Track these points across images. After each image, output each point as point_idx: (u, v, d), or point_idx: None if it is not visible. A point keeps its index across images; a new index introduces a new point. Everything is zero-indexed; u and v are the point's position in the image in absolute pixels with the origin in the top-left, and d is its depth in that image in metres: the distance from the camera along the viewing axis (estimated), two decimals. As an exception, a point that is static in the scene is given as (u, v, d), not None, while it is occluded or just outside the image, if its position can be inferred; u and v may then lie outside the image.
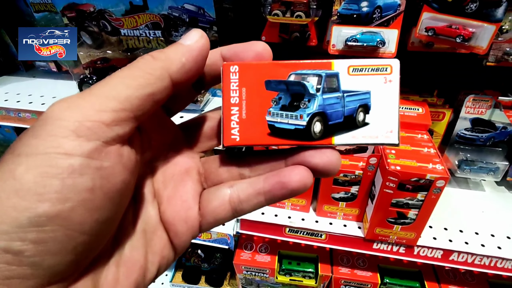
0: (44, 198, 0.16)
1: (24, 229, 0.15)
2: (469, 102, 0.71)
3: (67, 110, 0.17)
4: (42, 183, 0.16)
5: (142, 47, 0.63)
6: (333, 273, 0.81)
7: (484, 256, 0.65)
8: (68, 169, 0.16)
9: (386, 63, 0.23)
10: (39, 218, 0.16)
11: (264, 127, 0.24)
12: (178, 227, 0.24)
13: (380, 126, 0.23)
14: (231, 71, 0.24)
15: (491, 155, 0.76)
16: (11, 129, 0.89)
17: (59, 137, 0.17)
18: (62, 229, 0.16)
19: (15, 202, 0.15)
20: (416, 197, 0.59)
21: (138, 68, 0.20)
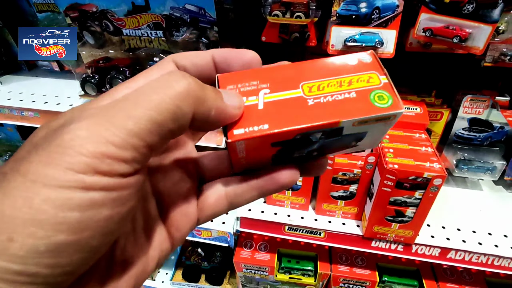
0: (63, 228, 0.16)
1: (40, 255, 0.15)
2: (466, 102, 0.72)
3: (87, 142, 0.16)
4: (61, 215, 0.16)
5: (143, 47, 0.64)
6: (332, 271, 0.82)
7: (482, 254, 0.66)
8: (88, 202, 0.16)
9: (391, 113, 0.22)
10: (57, 246, 0.16)
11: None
12: (178, 222, 0.24)
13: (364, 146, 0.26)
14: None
15: (489, 154, 0.77)
16: (14, 128, 0.90)
17: (79, 172, 0.16)
18: (77, 253, 0.17)
19: (32, 230, 0.15)
20: (414, 196, 0.59)
21: (167, 97, 0.18)
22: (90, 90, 0.65)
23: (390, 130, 0.67)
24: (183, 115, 0.18)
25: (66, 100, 0.69)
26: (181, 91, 0.18)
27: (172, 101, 0.18)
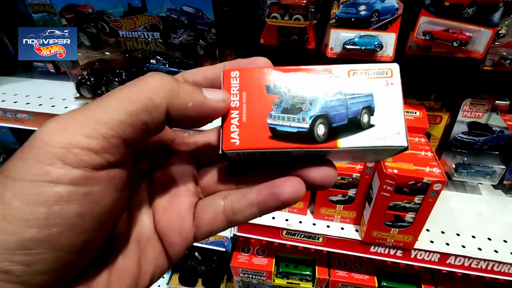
0: (31, 224, 0.16)
1: (12, 252, 0.15)
2: (466, 106, 0.72)
3: (56, 133, 0.17)
4: (29, 210, 0.16)
5: (140, 49, 0.63)
6: (330, 276, 0.81)
7: (481, 260, 0.65)
8: (55, 196, 0.16)
9: (386, 67, 0.23)
10: (27, 242, 0.16)
11: (265, 130, 0.23)
12: (172, 237, 0.23)
13: (387, 128, 0.22)
14: (231, 76, 0.23)
15: (488, 158, 0.77)
16: (8, 130, 0.89)
17: (46, 164, 0.16)
18: (50, 252, 0.16)
19: (3, 225, 0.15)
20: (413, 201, 0.59)
21: (141, 90, 0.18)
22: (85, 92, 0.64)
23: (389, 134, 0.67)
24: (156, 107, 0.18)
25: (61, 102, 0.68)
26: (152, 84, 0.18)
27: (143, 93, 0.18)
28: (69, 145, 0.16)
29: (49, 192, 0.16)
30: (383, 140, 0.22)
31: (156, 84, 0.19)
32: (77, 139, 0.17)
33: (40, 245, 0.16)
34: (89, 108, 0.18)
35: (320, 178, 0.22)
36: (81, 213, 0.17)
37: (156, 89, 0.18)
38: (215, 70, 0.24)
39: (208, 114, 0.21)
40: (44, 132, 0.17)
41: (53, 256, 0.16)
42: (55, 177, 0.16)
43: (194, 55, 0.60)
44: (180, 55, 0.60)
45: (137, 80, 0.19)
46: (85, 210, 0.17)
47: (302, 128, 0.22)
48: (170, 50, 0.62)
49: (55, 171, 0.16)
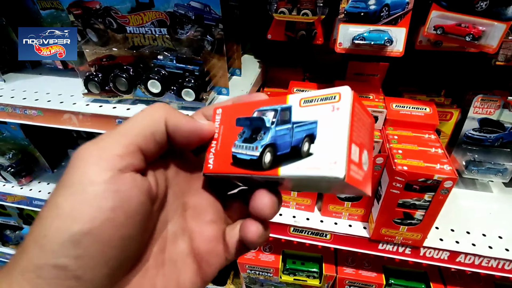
0: (78, 219, 0.20)
1: (66, 247, 0.19)
2: (477, 102, 0.70)
3: (90, 149, 0.22)
4: (75, 208, 0.20)
5: (147, 45, 0.63)
6: (338, 273, 0.81)
7: (492, 258, 0.64)
8: (93, 193, 0.20)
9: (335, 91, 0.22)
10: (76, 236, 0.19)
11: (229, 157, 0.26)
12: (209, 260, 0.27)
13: (324, 157, 0.21)
14: (217, 113, 0.28)
15: (499, 156, 0.75)
16: (17, 127, 0.90)
17: (86, 170, 0.21)
18: (94, 244, 0.20)
19: (57, 224, 0.20)
20: (423, 198, 0.58)
21: (145, 112, 0.25)
22: (93, 88, 0.64)
23: (399, 131, 0.66)
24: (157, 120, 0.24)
25: (70, 98, 0.68)
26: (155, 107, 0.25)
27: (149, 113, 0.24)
28: (101, 154, 0.22)
29: (89, 190, 0.20)
30: (318, 169, 0.21)
31: (158, 107, 0.25)
32: (105, 149, 0.22)
33: (86, 238, 0.20)
34: (113, 130, 0.23)
35: (255, 205, 0.25)
36: (113, 207, 0.21)
37: (157, 109, 0.24)
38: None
39: (197, 136, 0.26)
40: (82, 149, 0.22)
41: (97, 250, 0.20)
42: (92, 178, 0.21)
43: (201, 51, 0.60)
44: (188, 51, 0.60)
45: (144, 108, 0.25)
46: (116, 205, 0.21)
47: (253, 156, 0.25)
48: (177, 46, 0.61)
49: (92, 174, 0.21)
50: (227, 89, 0.67)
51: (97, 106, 0.65)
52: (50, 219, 0.20)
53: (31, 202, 0.92)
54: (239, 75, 0.77)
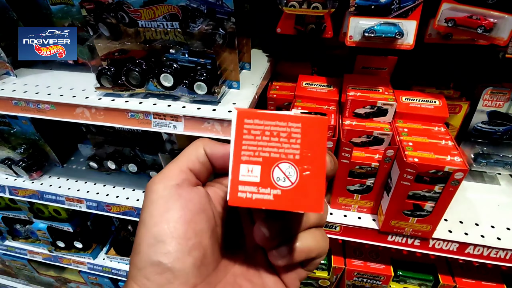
0: (158, 225, 0.26)
1: (156, 248, 0.25)
2: (487, 94, 0.71)
3: (156, 176, 0.28)
4: (156, 214, 0.26)
5: (159, 39, 0.63)
6: (346, 265, 0.82)
7: (500, 249, 0.65)
8: (167, 196, 0.26)
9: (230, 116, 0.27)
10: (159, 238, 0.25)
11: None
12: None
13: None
14: None
15: (508, 148, 0.76)
16: (28, 121, 0.91)
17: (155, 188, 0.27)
18: (175, 239, 0.25)
19: (147, 238, 0.25)
20: (434, 190, 0.58)
21: (191, 146, 0.30)
22: (105, 82, 0.65)
23: (409, 123, 0.66)
24: (198, 148, 0.29)
25: (82, 93, 0.69)
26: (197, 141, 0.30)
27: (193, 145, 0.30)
28: (163, 176, 0.28)
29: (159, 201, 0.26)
30: None
31: (198, 140, 0.30)
32: (165, 173, 0.28)
33: (167, 236, 0.25)
34: (173, 161, 0.29)
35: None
36: (181, 206, 0.26)
37: (198, 141, 0.30)
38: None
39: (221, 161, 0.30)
40: (151, 182, 0.28)
41: (178, 243, 0.25)
42: (160, 192, 0.27)
43: (213, 44, 0.60)
44: (199, 44, 0.60)
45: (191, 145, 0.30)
46: (182, 205, 0.26)
47: None
48: (189, 40, 0.62)
49: (160, 189, 0.27)
50: (238, 82, 0.67)
51: (110, 100, 0.66)
52: (140, 235, 0.26)
53: (42, 196, 0.94)
54: (248, 69, 0.78)
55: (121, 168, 0.93)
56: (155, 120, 0.63)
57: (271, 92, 0.81)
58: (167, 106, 0.63)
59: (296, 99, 0.74)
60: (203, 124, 0.61)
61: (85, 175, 0.98)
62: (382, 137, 0.65)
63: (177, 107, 0.63)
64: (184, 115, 0.61)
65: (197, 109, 0.61)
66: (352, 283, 0.85)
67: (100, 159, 0.94)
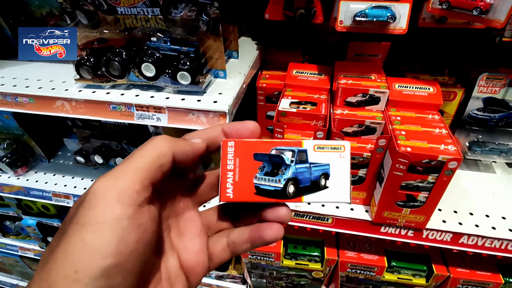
0: (109, 254, 0.22)
1: (98, 280, 0.21)
2: (482, 80, 0.68)
3: (109, 185, 0.24)
4: (106, 244, 0.22)
5: (140, 26, 0.60)
6: (339, 257, 0.81)
7: (495, 239, 0.64)
8: (121, 230, 0.22)
9: (341, 144, 0.31)
10: (107, 270, 0.21)
11: (251, 188, 0.31)
12: (196, 271, 0.31)
13: (337, 189, 0.31)
14: (228, 145, 0.31)
15: (503, 136, 0.74)
16: (10, 116, 0.88)
17: (110, 207, 0.23)
18: (120, 274, 0.22)
19: (89, 261, 0.21)
20: (427, 179, 0.57)
21: (153, 146, 0.27)
22: (85, 73, 0.62)
23: (402, 112, 0.64)
24: (165, 154, 0.27)
25: (62, 85, 0.66)
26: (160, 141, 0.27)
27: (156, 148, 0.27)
28: (122, 191, 0.23)
29: (117, 227, 0.22)
30: (334, 197, 0.31)
31: (162, 140, 0.27)
32: (126, 186, 0.24)
33: (115, 270, 0.22)
34: (123, 165, 0.25)
35: (273, 217, 0.31)
36: (137, 240, 0.23)
37: (162, 142, 0.27)
38: (215, 131, 0.32)
39: (198, 152, 0.30)
40: (101, 186, 0.24)
41: (123, 278, 0.22)
42: (119, 215, 0.23)
43: (196, 32, 0.57)
44: (182, 31, 0.57)
45: (148, 142, 0.27)
46: (139, 237, 0.23)
47: (277, 187, 0.31)
48: (171, 27, 0.58)
49: (118, 211, 0.23)
50: (224, 71, 0.65)
51: (90, 92, 0.63)
52: (81, 256, 0.22)
53: (29, 192, 0.91)
54: (236, 57, 0.75)
55: (109, 162, 0.90)
56: (137, 112, 0.60)
57: (260, 81, 0.78)
58: (150, 97, 0.60)
59: (286, 88, 0.72)
60: (188, 116, 0.58)
61: (72, 170, 0.95)
62: (374, 126, 0.63)
63: (161, 98, 0.60)
64: (167, 106, 0.58)
65: (181, 100, 0.59)
66: (346, 275, 0.84)
67: (87, 153, 0.92)
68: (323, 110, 0.64)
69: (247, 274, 0.97)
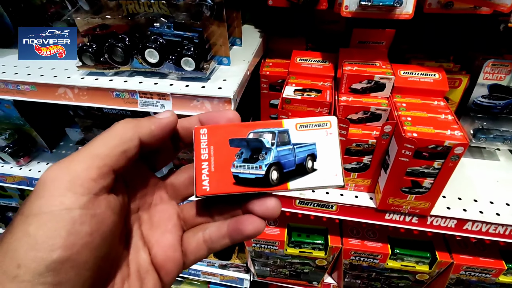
0: (56, 247, 0.20)
1: (43, 275, 0.19)
2: (488, 67, 0.68)
3: (61, 172, 0.21)
4: (52, 236, 0.20)
5: (142, 12, 0.59)
6: (343, 245, 0.81)
7: (499, 225, 0.64)
8: (71, 220, 0.20)
9: (326, 119, 0.28)
10: (54, 264, 0.19)
11: (230, 177, 0.28)
12: (167, 267, 0.28)
13: (327, 171, 0.28)
14: (201, 133, 0.29)
15: (508, 123, 0.74)
16: (12, 105, 0.87)
17: (59, 196, 0.21)
18: (72, 269, 0.20)
19: (32, 255, 0.19)
20: (433, 165, 0.57)
21: (114, 131, 0.25)
22: (87, 60, 0.61)
23: (407, 98, 0.64)
24: (130, 139, 0.25)
25: (64, 72, 0.65)
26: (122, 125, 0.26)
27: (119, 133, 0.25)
28: (75, 178, 0.21)
29: (66, 217, 0.20)
30: (324, 181, 0.28)
31: (125, 124, 0.25)
32: (79, 173, 0.22)
33: (65, 265, 0.20)
34: (81, 150, 0.23)
35: (261, 212, 0.27)
36: (91, 231, 0.21)
37: (126, 127, 0.25)
38: (192, 120, 0.30)
39: (166, 128, 0.27)
40: (50, 174, 0.21)
41: (75, 274, 0.20)
42: (68, 204, 0.21)
43: (200, 17, 0.56)
44: (185, 16, 0.56)
45: (110, 127, 0.25)
46: (93, 229, 0.21)
47: (259, 174, 0.28)
48: (174, 12, 0.58)
49: (68, 200, 0.21)
50: (228, 58, 0.64)
51: (93, 79, 0.62)
52: (23, 250, 0.19)
53: (31, 182, 0.91)
54: (239, 45, 0.74)
55: (111, 152, 0.90)
56: (141, 99, 0.60)
57: (264, 69, 0.77)
58: (154, 84, 0.60)
59: (290, 76, 0.71)
60: (192, 102, 0.58)
61: (74, 160, 0.95)
62: (379, 113, 0.63)
63: (165, 84, 0.59)
64: (172, 93, 0.58)
65: (186, 86, 0.58)
66: (350, 262, 0.84)
67: (89, 143, 0.91)
68: (328, 97, 0.64)
69: (251, 263, 0.97)
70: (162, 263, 0.28)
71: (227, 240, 0.29)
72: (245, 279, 1.06)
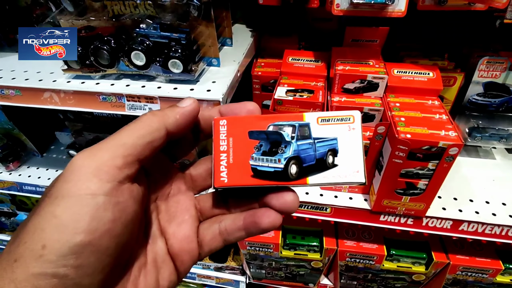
0: (79, 231, 0.20)
1: (66, 257, 0.20)
2: (483, 65, 0.67)
3: (88, 159, 0.22)
4: (76, 219, 0.21)
5: (128, 13, 0.57)
6: (339, 246, 0.80)
7: (495, 225, 0.63)
8: (95, 206, 0.21)
9: (349, 114, 0.27)
10: (77, 247, 0.20)
11: (248, 170, 0.28)
12: (183, 258, 0.29)
13: (348, 167, 0.27)
14: (220, 124, 0.28)
15: (503, 121, 0.73)
16: (-1, 109, 0.85)
17: (86, 181, 0.21)
18: (93, 254, 0.21)
19: (57, 236, 0.20)
20: (427, 167, 0.56)
21: (141, 122, 0.25)
22: (73, 63, 0.59)
23: (401, 98, 0.62)
24: (157, 129, 0.25)
25: (49, 76, 0.63)
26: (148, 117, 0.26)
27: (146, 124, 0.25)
28: (101, 165, 0.22)
29: (91, 202, 0.21)
30: (345, 177, 0.27)
31: (152, 116, 0.26)
32: (106, 161, 0.22)
33: (86, 249, 0.20)
34: (109, 139, 0.24)
35: (279, 205, 0.27)
36: (114, 218, 0.22)
37: (152, 118, 0.26)
38: (212, 112, 0.30)
39: (190, 116, 0.27)
40: (78, 160, 0.22)
41: (96, 258, 0.21)
42: (94, 190, 0.21)
43: (187, 17, 0.55)
44: (172, 17, 0.55)
45: (138, 118, 0.26)
46: (116, 216, 0.22)
47: (278, 168, 0.27)
48: (160, 13, 0.56)
49: (94, 186, 0.21)
50: (217, 59, 0.62)
51: (79, 82, 0.60)
52: (49, 230, 0.20)
53: (22, 187, 0.89)
54: (230, 45, 0.73)
55: (102, 155, 0.88)
56: (128, 102, 0.58)
57: (255, 69, 0.76)
58: (141, 87, 0.58)
59: (282, 76, 0.70)
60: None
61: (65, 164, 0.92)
62: (373, 113, 0.62)
63: (152, 87, 0.58)
64: (159, 96, 0.56)
65: (174, 89, 0.57)
66: (345, 264, 0.83)
67: (80, 147, 0.90)
68: (320, 98, 0.63)
69: (246, 265, 0.96)
70: (178, 253, 0.29)
71: (243, 232, 0.29)
72: (241, 282, 1.05)
